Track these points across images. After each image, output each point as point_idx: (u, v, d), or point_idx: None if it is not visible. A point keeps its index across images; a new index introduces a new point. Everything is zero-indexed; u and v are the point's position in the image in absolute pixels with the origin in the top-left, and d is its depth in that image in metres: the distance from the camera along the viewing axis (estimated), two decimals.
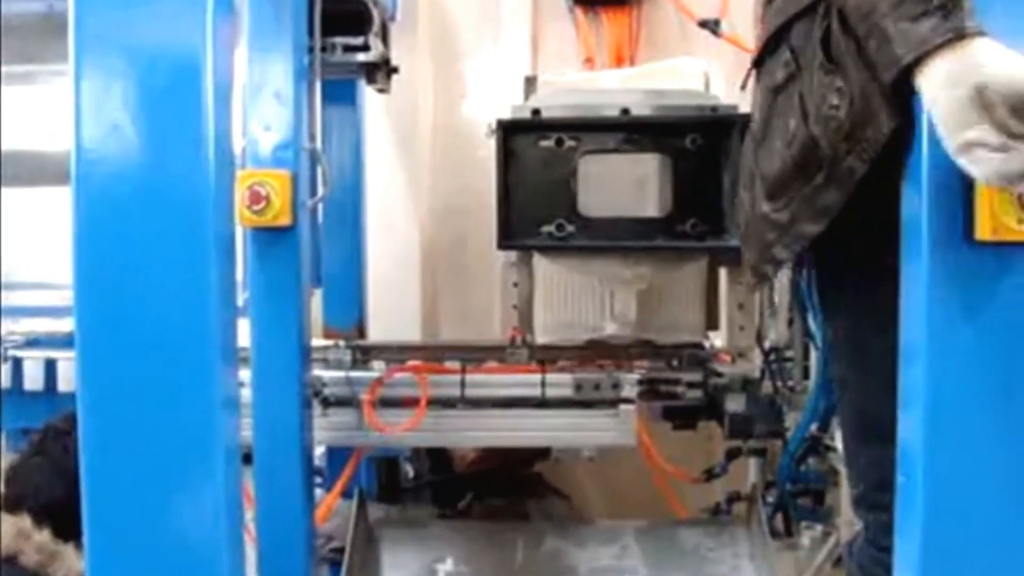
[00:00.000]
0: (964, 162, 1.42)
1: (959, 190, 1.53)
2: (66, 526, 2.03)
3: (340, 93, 3.28)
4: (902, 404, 1.67)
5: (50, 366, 3.40)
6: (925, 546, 1.59)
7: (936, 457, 1.59)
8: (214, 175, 1.61)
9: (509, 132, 2.64)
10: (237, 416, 1.74)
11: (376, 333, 3.43)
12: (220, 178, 1.63)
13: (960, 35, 1.44)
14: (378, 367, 2.94)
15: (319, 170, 2.67)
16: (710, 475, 3.07)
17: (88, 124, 1.58)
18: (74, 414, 1.59)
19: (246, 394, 2.51)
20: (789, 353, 3.10)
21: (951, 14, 1.45)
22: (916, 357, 1.61)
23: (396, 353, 3.03)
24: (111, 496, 1.60)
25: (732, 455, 3.02)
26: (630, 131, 2.63)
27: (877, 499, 1.87)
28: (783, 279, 4.04)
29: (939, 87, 1.44)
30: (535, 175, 2.63)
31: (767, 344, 3.03)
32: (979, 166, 1.42)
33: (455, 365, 2.88)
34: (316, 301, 3.24)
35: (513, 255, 2.92)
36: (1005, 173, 1.40)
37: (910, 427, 1.64)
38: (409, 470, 3.44)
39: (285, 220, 2.41)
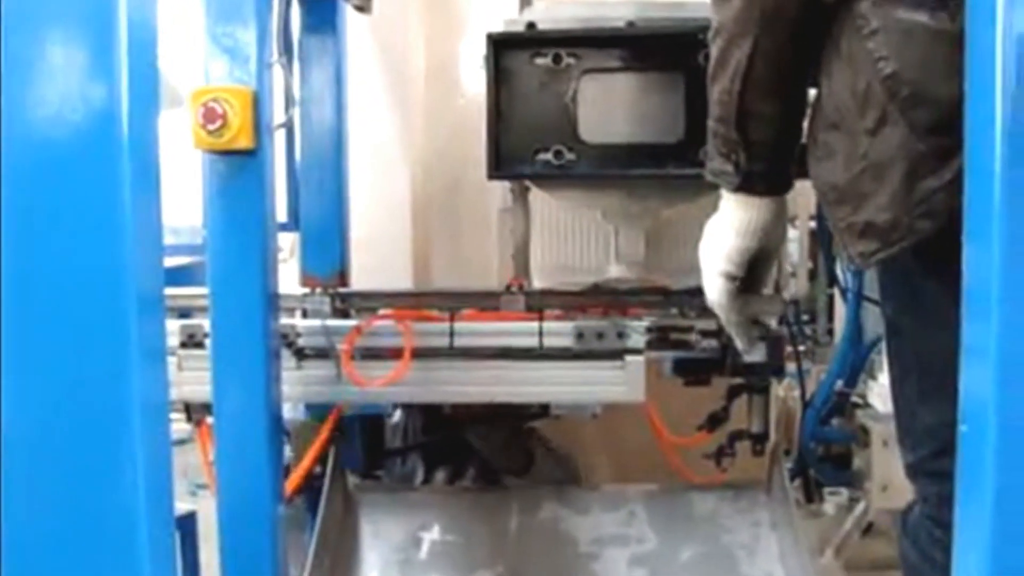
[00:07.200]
0: None
1: None
2: None
3: (319, 19, 2.98)
4: (966, 354, 1.39)
5: None
6: (997, 510, 1.31)
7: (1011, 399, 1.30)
8: (130, 89, 1.33)
9: (501, 48, 2.35)
10: (162, 369, 1.46)
11: (366, 287, 3.14)
12: (140, 92, 1.35)
13: None
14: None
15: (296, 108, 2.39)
16: (713, 421, 2.73)
17: None
18: None
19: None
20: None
21: None
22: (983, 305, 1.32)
23: (380, 301, 2.74)
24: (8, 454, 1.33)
25: (734, 393, 2.68)
26: (637, 46, 2.35)
27: (938, 466, 1.61)
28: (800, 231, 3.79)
29: None
30: (530, 97, 2.35)
31: (786, 296, 2.75)
32: None
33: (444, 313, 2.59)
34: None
35: (509, 199, 2.68)
36: None
37: (976, 377, 1.36)
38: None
39: (246, 143, 2.10)
